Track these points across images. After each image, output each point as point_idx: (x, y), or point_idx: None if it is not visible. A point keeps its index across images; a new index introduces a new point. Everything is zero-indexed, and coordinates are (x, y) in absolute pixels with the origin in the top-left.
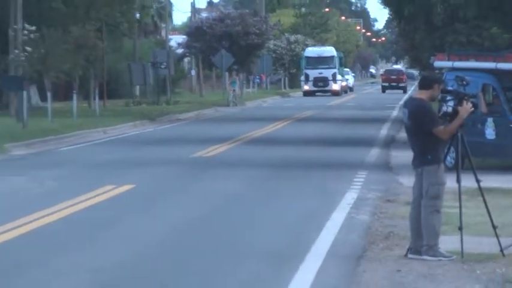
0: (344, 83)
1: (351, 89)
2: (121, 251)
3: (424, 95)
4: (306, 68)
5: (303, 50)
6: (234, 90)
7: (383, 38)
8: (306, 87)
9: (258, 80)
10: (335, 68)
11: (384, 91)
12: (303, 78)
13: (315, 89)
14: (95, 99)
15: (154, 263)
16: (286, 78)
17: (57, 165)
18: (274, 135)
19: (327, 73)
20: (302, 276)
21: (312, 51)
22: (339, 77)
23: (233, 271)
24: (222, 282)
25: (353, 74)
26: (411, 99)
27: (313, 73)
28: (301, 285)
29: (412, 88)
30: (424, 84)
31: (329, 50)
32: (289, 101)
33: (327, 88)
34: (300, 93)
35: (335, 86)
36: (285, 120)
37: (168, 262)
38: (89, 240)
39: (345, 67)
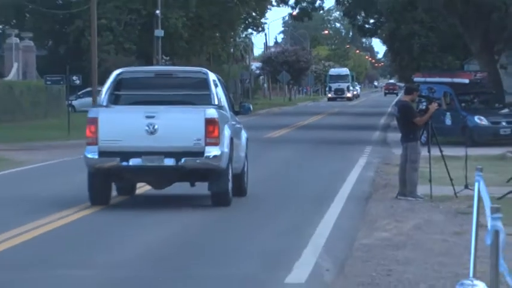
0: (355, 92)
1: (358, 95)
2: (205, 204)
3: (407, 98)
4: (329, 82)
5: (327, 70)
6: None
7: (382, 63)
8: (329, 95)
9: (305, 90)
10: (349, 82)
11: (385, 95)
12: (327, 89)
13: (335, 96)
14: None
15: (247, 197)
16: (322, 89)
17: None
18: (315, 123)
19: (343, 85)
20: (333, 209)
21: (333, 71)
22: (351, 88)
23: (288, 206)
24: (281, 211)
25: (360, 86)
26: (399, 101)
27: (334, 85)
28: (333, 214)
29: (400, 94)
30: (407, 91)
31: (345, 70)
32: (321, 104)
33: (343, 95)
34: (325, 99)
35: (349, 94)
36: (321, 114)
37: (253, 197)
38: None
39: (356, 81)
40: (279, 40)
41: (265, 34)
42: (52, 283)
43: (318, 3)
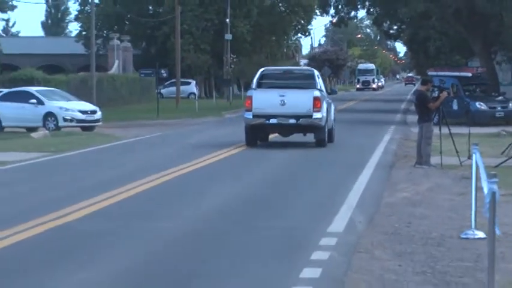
0: (379, 83)
1: (383, 86)
2: (267, 168)
3: (423, 88)
4: (358, 75)
5: (357, 65)
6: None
7: (403, 61)
8: (358, 86)
9: (342, 81)
10: (374, 75)
11: (405, 85)
12: (356, 81)
13: (363, 87)
14: None
15: (280, 175)
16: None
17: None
18: (350, 108)
19: (369, 78)
20: (364, 175)
21: (361, 66)
22: (376, 80)
23: (326, 172)
24: (320, 179)
25: (384, 78)
26: (417, 90)
27: (362, 78)
28: (364, 178)
29: (417, 85)
30: (423, 82)
31: (371, 66)
32: (354, 93)
33: (369, 86)
34: (354, 90)
35: (374, 85)
36: (354, 100)
37: (289, 174)
38: (248, 167)
39: (381, 75)
40: (322, 42)
41: (311, 37)
42: (139, 233)
43: (352, 13)
